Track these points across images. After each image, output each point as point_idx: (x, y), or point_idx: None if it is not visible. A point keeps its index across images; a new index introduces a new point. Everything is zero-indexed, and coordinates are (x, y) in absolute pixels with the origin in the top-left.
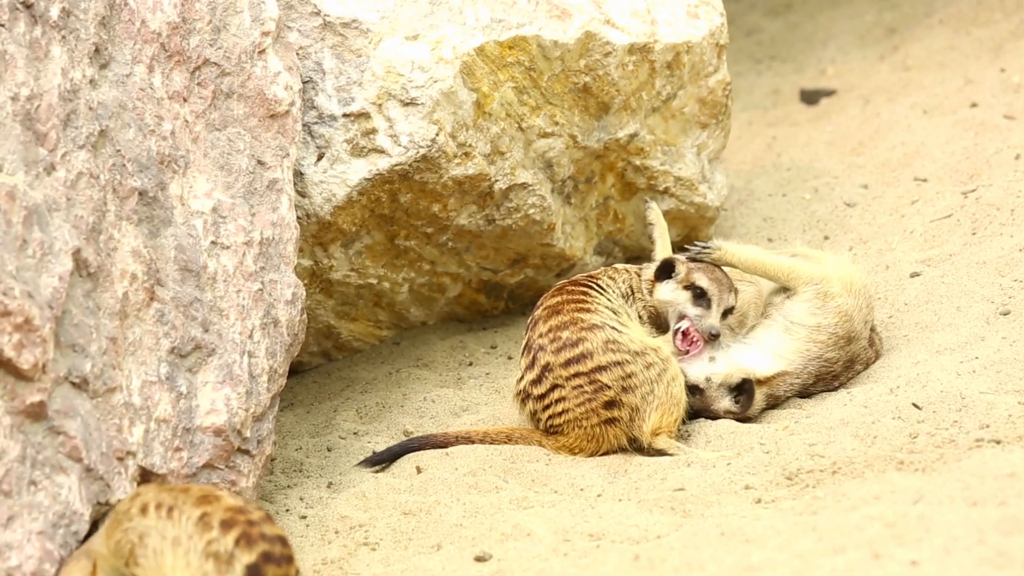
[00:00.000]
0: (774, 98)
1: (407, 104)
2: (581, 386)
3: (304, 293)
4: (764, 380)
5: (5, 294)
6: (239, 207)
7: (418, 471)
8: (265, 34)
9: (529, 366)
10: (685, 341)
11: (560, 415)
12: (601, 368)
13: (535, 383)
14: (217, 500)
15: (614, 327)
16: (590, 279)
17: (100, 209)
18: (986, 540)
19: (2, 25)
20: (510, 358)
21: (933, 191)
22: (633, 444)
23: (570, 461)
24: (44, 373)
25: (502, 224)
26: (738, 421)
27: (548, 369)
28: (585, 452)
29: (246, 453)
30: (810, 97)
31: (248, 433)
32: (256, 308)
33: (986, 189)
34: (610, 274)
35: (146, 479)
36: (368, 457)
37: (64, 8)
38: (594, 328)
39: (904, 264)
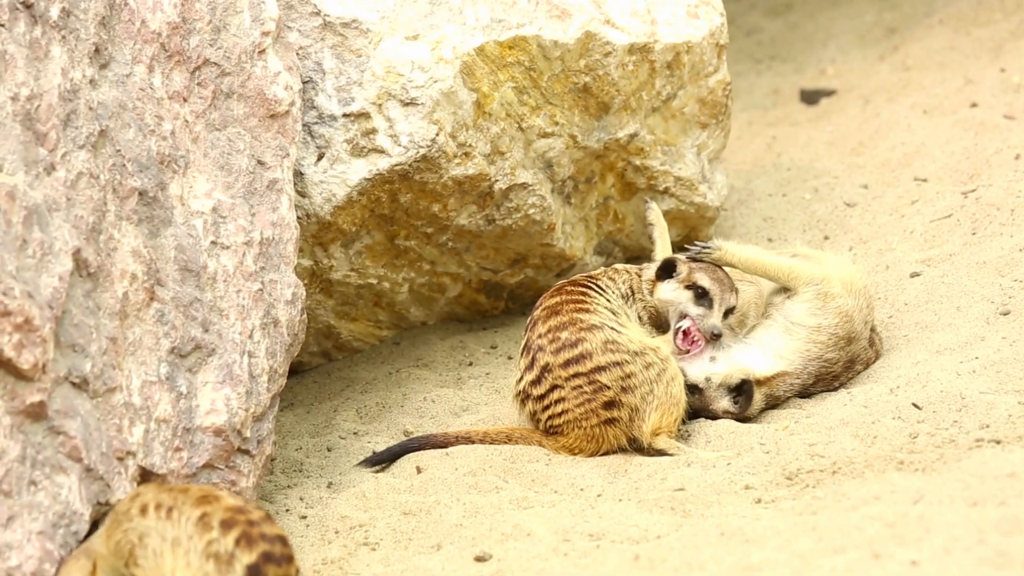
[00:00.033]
0: (774, 98)
1: (407, 104)
2: (580, 386)
3: (304, 293)
4: (764, 380)
5: (5, 294)
6: (239, 207)
7: (418, 471)
8: (265, 34)
9: (528, 367)
10: (686, 340)
11: (560, 416)
12: (600, 368)
13: (534, 384)
14: (217, 500)
15: (613, 327)
16: (589, 279)
17: (100, 209)
18: (986, 540)
19: (2, 25)
20: (510, 358)
21: (933, 191)
22: (633, 444)
23: (570, 461)
24: (44, 373)
25: (502, 224)
26: (737, 421)
27: (547, 370)
28: (585, 452)
29: (246, 453)
30: (810, 97)
31: (248, 433)
32: (256, 308)
33: (986, 189)
34: (610, 275)
35: (146, 479)
36: (368, 457)
37: (64, 8)
38: (593, 328)
39: (904, 264)
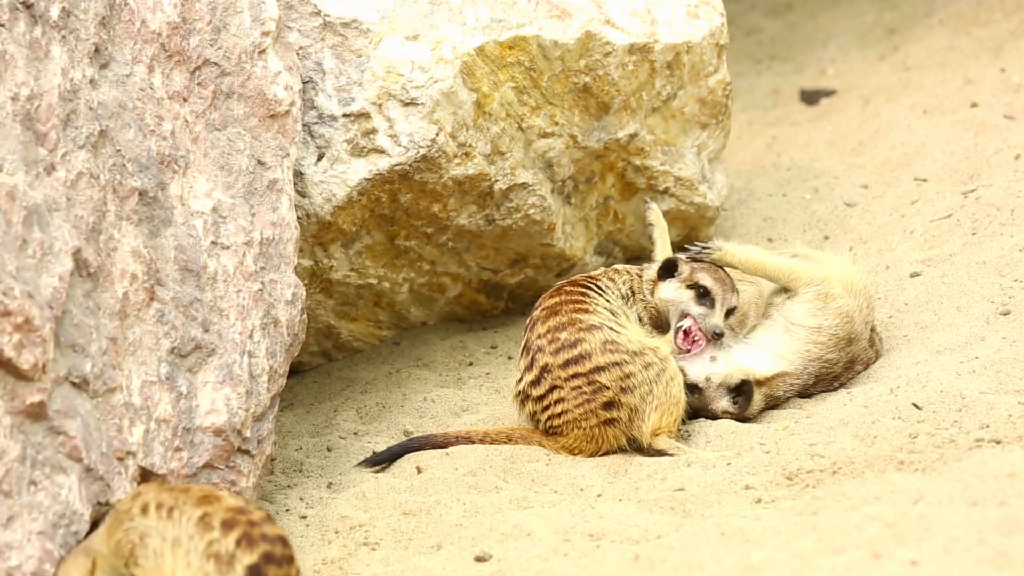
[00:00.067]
0: (774, 98)
1: (407, 104)
2: (580, 387)
3: (304, 293)
4: (764, 381)
5: (5, 294)
6: (239, 207)
7: (418, 471)
8: (265, 34)
9: (528, 367)
10: (686, 340)
11: (559, 416)
12: (599, 369)
13: (534, 384)
14: (218, 500)
15: (612, 328)
16: (589, 280)
17: (100, 209)
18: (986, 540)
19: (2, 25)
20: (510, 358)
21: (933, 191)
22: (633, 444)
23: (570, 461)
24: (44, 373)
25: (502, 224)
26: (737, 421)
27: (547, 370)
28: (585, 453)
29: (246, 453)
30: (810, 97)
31: (248, 433)
32: (256, 308)
33: (986, 189)
34: (610, 275)
35: (146, 479)
36: (368, 457)
37: (64, 8)
38: (592, 329)
39: (904, 264)
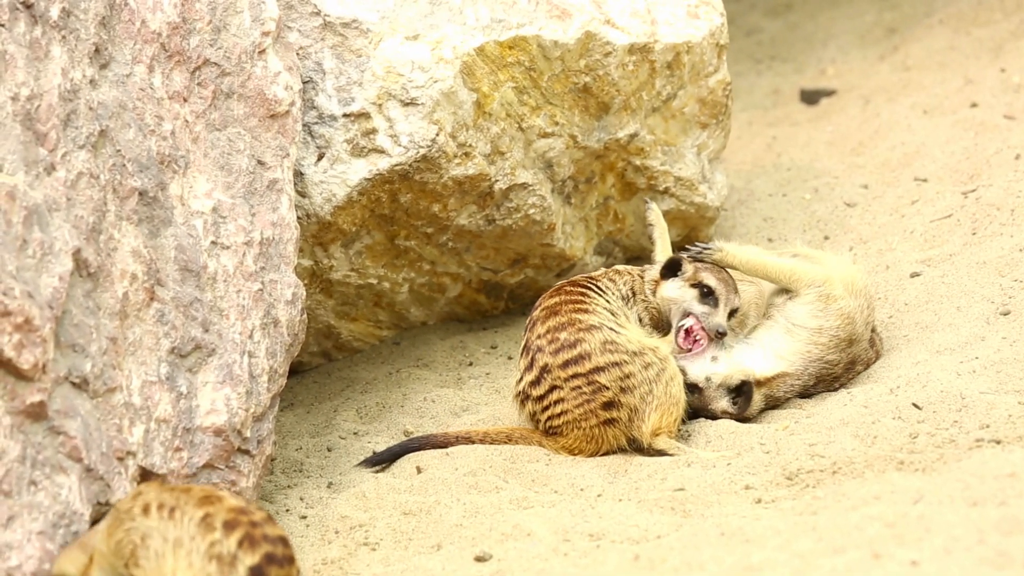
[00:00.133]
0: (774, 98)
1: (407, 104)
2: (579, 387)
3: (304, 293)
4: (764, 381)
5: (5, 294)
6: (239, 207)
7: (418, 471)
8: (265, 34)
9: (528, 367)
10: (688, 339)
11: (559, 416)
12: (599, 369)
13: (534, 384)
14: (219, 501)
15: (612, 328)
16: (589, 280)
17: (100, 209)
18: (986, 540)
19: (2, 25)
20: (510, 358)
21: (933, 191)
22: (633, 444)
23: (570, 461)
24: (44, 373)
25: (502, 224)
26: (736, 421)
27: (546, 370)
28: (585, 453)
29: (246, 453)
30: (810, 97)
31: (248, 433)
32: (256, 308)
33: (986, 189)
34: (610, 276)
35: (146, 479)
36: (368, 457)
37: (64, 8)
38: (592, 329)
39: (904, 264)
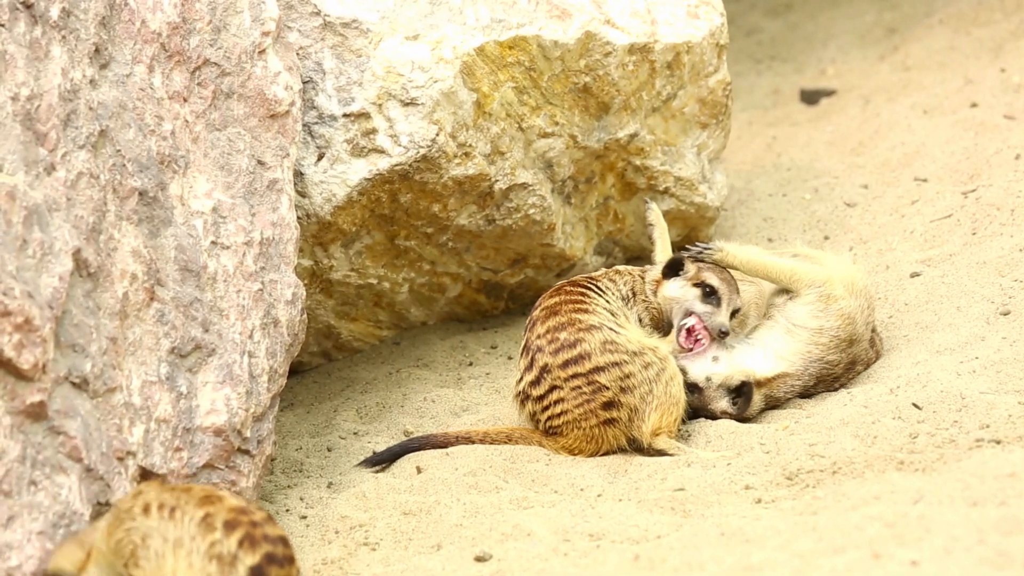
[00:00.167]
0: (774, 98)
1: (407, 104)
2: (579, 387)
3: (304, 293)
4: (764, 381)
5: (5, 294)
6: (239, 207)
7: (418, 471)
8: (265, 34)
9: (528, 367)
10: (689, 338)
11: (559, 416)
12: (599, 369)
13: (534, 384)
14: (220, 501)
15: (612, 328)
16: (589, 280)
17: (100, 209)
18: (986, 540)
19: (2, 25)
20: (510, 358)
21: (933, 191)
22: (633, 444)
23: (570, 461)
24: (44, 373)
25: (502, 224)
26: (736, 421)
27: (546, 370)
28: (585, 453)
29: (246, 453)
30: (810, 97)
31: (248, 433)
32: (256, 308)
33: (986, 189)
34: (611, 276)
35: (146, 479)
36: (368, 457)
37: (64, 8)
38: (592, 329)
39: (904, 264)
